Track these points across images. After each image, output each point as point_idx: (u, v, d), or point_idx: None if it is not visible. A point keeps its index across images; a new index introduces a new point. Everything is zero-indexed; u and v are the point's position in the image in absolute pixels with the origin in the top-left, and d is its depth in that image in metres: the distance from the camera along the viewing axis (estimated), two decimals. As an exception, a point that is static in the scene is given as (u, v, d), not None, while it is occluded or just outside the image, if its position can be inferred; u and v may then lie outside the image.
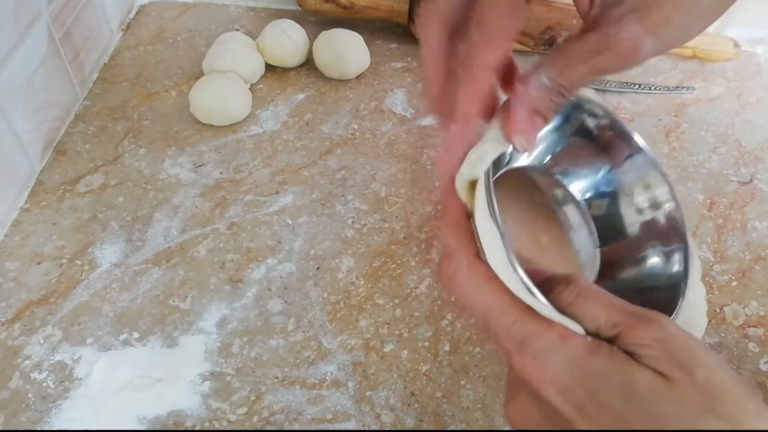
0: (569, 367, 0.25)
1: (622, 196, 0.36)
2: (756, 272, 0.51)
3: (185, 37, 0.70)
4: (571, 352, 0.26)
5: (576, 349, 0.26)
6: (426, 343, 0.45)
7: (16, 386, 0.42)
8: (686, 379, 0.24)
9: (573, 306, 0.27)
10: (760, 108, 0.65)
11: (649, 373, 0.24)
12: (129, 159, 0.56)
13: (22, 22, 0.51)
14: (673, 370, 0.24)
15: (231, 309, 0.46)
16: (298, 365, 0.44)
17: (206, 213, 0.52)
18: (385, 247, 0.51)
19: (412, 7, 0.67)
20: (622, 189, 0.35)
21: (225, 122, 0.59)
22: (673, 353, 0.25)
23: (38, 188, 0.53)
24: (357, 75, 0.65)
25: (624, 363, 0.25)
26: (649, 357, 0.25)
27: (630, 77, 0.67)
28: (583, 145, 0.35)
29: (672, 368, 0.24)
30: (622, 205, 0.36)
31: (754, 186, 0.57)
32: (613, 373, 0.25)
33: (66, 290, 0.47)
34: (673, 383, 0.24)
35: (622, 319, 0.26)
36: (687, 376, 0.24)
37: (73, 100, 0.60)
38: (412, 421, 0.41)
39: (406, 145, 0.59)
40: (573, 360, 0.25)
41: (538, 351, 0.26)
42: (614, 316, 0.26)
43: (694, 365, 0.24)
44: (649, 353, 0.25)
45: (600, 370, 0.25)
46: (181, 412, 0.41)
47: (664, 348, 0.25)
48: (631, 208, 0.36)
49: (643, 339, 0.25)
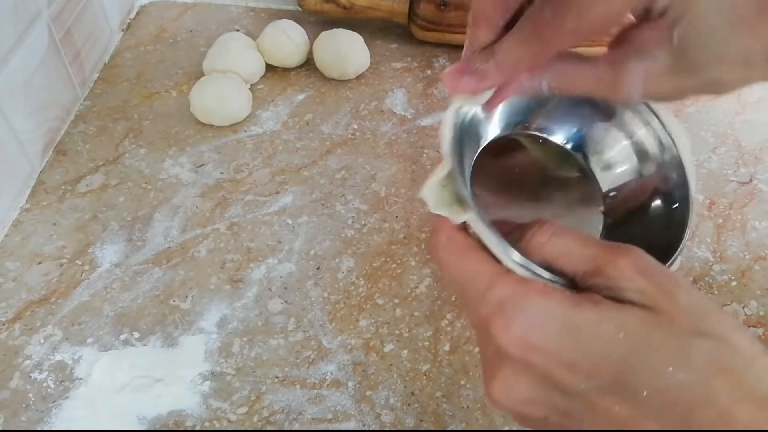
0: (553, 324, 0.24)
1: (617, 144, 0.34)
2: (756, 272, 0.51)
3: (185, 37, 0.70)
4: (554, 307, 0.25)
5: (559, 304, 0.25)
6: (426, 343, 0.45)
7: (17, 386, 0.42)
8: (672, 307, 0.24)
9: (547, 245, 0.26)
10: (760, 108, 0.65)
11: (636, 311, 0.24)
12: (129, 159, 0.56)
13: (22, 22, 0.51)
14: (658, 300, 0.24)
15: (231, 309, 0.46)
16: (298, 365, 0.44)
17: (206, 213, 0.52)
18: (385, 247, 0.51)
19: (412, 7, 0.67)
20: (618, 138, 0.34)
21: (225, 122, 0.59)
22: (656, 282, 0.25)
23: (39, 188, 0.53)
24: (357, 75, 0.65)
25: (609, 308, 0.24)
26: (633, 290, 0.25)
27: (630, 77, 0.67)
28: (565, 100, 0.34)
29: (657, 299, 0.24)
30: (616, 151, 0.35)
31: (753, 186, 0.57)
32: (600, 321, 0.24)
33: (66, 290, 0.47)
34: (661, 314, 0.24)
35: (599, 252, 0.26)
36: (672, 304, 0.24)
37: (73, 100, 0.60)
38: (412, 421, 0.41)
39: (406, 145, 0.59)
40: (557, 316, 0.24)
41: (518, 311, 0.25)
42: (589, 249, 0.26)
43: (676, 291, 0.25)
44: (633, 286, 0.25)
45: (587, 321, 0.24)
46: (181, 411, 0.41)
47: (647, 279, 0.25)
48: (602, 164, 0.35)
49: (624, 271, 0.25)
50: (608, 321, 0.24)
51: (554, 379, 0.24)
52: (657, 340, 0.24)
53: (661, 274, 0.25)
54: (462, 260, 0.27)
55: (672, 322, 0.24)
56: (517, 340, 0.25)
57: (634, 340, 0.24)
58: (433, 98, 0.64)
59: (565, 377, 0.24)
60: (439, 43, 0.69)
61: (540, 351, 0.24)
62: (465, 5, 0.66)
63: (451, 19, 0.66)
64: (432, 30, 0.67)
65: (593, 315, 0.24)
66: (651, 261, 0.26)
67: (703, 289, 0.49)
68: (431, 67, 0.68)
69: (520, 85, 0.29)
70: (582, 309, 0.24)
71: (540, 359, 0.24)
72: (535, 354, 0.24)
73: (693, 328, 0.24)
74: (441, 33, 0.68)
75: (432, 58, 0.69)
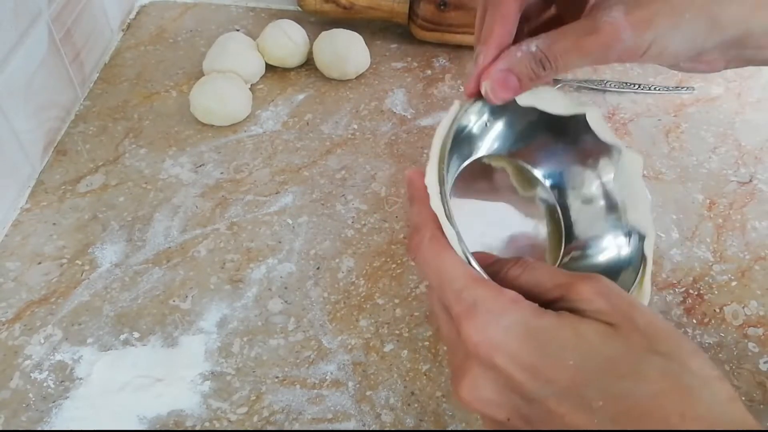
0: (518, 328, 0.26)
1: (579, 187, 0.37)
2: (756, 272, 0.51)
3: (185, 37, 0.70)
4: (520, 314, 0.26)
5: (525, 310, 0.26)
6: (426, 343, 0.45)
7: (17, 386, 0.42)
8: (629, 324, 0.25)
9: (521, 278, 0.28)
10: (760, 108, 0.65)
11: (595, 323, 0.26)
12: (129, 159, 0.56)
13: (22, 22, 0.51)
14: (616, 317, 0.26)
15: (231, 309, 0.46)
16: (298, 365, 0.44)
17: (206, 213, 0.52)
18: (385, 247, 0.51)
19: (412, 7, 0.67)
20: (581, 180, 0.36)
21: (225, 122, 0.59)
22: (614, 304, 0.26)
23: (39, 188, 0.53)
24: (357, 75, 0.65)
25: (570, 318, 0.26)
26: (592, 311, 0.26)
27: (630, 77, 0.67)
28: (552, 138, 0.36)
29: (615, 316, 0.26)
30: (577, 196, 0.37)
31: (753, 186, 0.57)
32: (560, 327, 0.26)
33: (66, 290, 0.47)
34: (618, 328, 0.25)
35: (564, 279, 0.27)
36: (629, 322, 0.26)
37: (73, 100, 0.60)
38: (412, 420, 0.41)
39: (406, 145, 0.59)
40: (522, 321, 0.26)
41: (489, 314, 0.26)
42: (557, 278, 0.28)
43: (634, 313, 0.26)
44: (592, 307, 0.26)
45: (548, 326, 0.26)
46: (181, 411, 0.41)
47: (606, 300, 0.26)
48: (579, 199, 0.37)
49: (585, 293, 0.26)
50: (567, 328, 0.26)
51: (515, 382, 0.26)
52: (612, 351, 0.25)
53: (619, 297, 0.27)
54: (443, 260, 0.28)
55: (628, 338, 0.25)
56: (485, 340, 0.26)
57: (591, 348, 0.25)
58: (433, 98, 0.64)
59: (525, 381, 0.25)
60: (439, 43, 0.69)
61: (504, 352, 0.26)
62: (465, 5, 0.66)
63: (451, 19, 0.66)
64: (432, 30, 0.67)
65: (554, 321, 0.26)
66: (612, 286, 0.27)
67: (703, 289, 0.49)
68: (431, 67, 0.68)
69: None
70: (545, 316, 0.26)
71: (503, 360, 0.26)
72: (500, 355, 0.26)
73: (648, 347, 0.25)
74: (441, 33, 0.68)
75: (432, 58, 0.69)
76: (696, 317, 0.47)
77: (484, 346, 0.26)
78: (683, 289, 0.49)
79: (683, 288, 0.49)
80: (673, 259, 0.51)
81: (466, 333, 0.26)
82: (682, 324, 0.47)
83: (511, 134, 0.36)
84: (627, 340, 0.25)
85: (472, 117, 0.33)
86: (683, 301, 0.48)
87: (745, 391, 0.44)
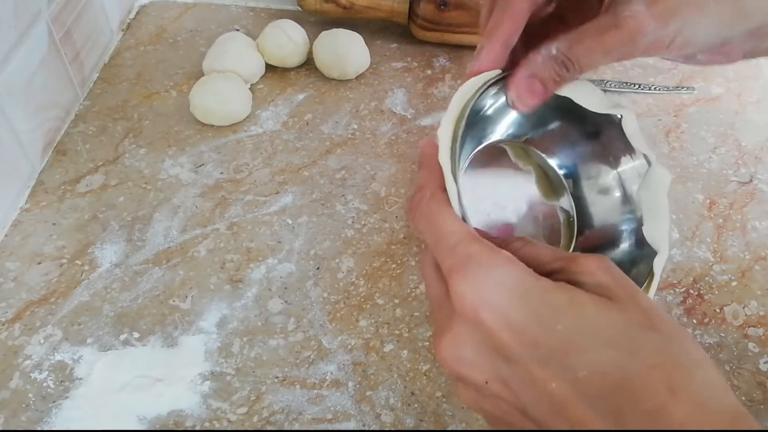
0: (509, 286, 0.25)
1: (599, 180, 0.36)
2: (756, 272, 0.51)
3: (185, 37, 0.70)
4: (515, 272, 0.25)
5: (520, 270, 0.25)
6: (426, 343, 0.45)
7: (17, 386, 0.42)
8: (630, 301, 0.25)
9: (521, 251, 0.27)
10: (760, 108, 0.65)
11: (592, 295, 0.25)
12: (129, 159, 0.56)
13: (22, 22, 0.51)
14: (618, 293, 0.25)
15: (231, 309, 0.46)
16: (298, 365, 0.44)
17: (206, 213, 0.52)
18: (385, 247, 0.51)
19: (412, 7, 0.67)
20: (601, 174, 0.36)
21: (225, 122, 0.59)
22: (617, 279, 0.25)
23: (38, 188, 0.53)
24: (357, 75, 0.65)
25: (567, 285, 0.25)
26: (594, 284, 0.25)
27: (630, 77, 0.67)
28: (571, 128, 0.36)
29: (617, 291, 0.25)
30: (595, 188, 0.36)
31: (753, 186, 0.57)
32: (555, 290, 0.25)
33: (66, 290, 0.47)
34: (618, 303, 0.24)
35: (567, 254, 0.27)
36: (631, 299, 0.25)
37: (73, 100, 0.60)
38: (412, 421, 0.41)
39: (406, 145, 0.59)
40: (515, 279, 0.25)
41: (481, 269, 0.25)
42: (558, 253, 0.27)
43: (637, 294, 0.25)
44: (594, 280, 0.25)
45: (542, 289, 0.25)
46: (181, 412, 0.41)
47: (609, 275, 0.25)
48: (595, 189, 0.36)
49: (588, 266, 0.26)
50: (563, 293, 0.25)
51: (499, 342, 0.25)
52: (607, 322, 0.24)
53: (623, 277, 0.26)
54: (441, 215, 0.28)
55: (627, 313, 0.24)
56: (473, 294, 0.25)
57: (584, 316, 0.24)
58: (433, 98, 0.64)
59: (509, 341, 0.24)
60: (439, 43, 0.69)
61: (491, 309, 0.25)
62: (465, 5, 0.66)
63: (451, 19, 0.66)
64: (432, 30, 0.67)
65: (549, 285, 0.25)
66: (617, 267, 0.26)
67: (703, 289, 0.49)
68: (431, 67, 0.68)
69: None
70: (540, 279, 0.25)
71: (489, 317, 0.24)
72: (487, 311, 0.25)
73: (647, 324, 0.24)
74: (441, 33, 0.68)
75: (432, 58, 0.68)
76: (696, 317, 0.47)
77: (471, 300, 0.25)
78: (683, 289, 0.49)
79: (683, 288, 0.49)
80: (673, 259, 0.51)
81: (455, 287, 0.25)
82: (683, 324, 0.47)
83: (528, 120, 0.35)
84: (625, 314, 0.24)
85: (488, 100, 0.33)
86: (683, 301, 0.48)
87: (746, 391, 0.44)
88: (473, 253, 0.26)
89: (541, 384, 0.24)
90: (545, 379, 0.24)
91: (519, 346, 0.24)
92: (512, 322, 0.24)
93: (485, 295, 0.25)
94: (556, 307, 0.24)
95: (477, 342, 0.25)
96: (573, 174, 0.37)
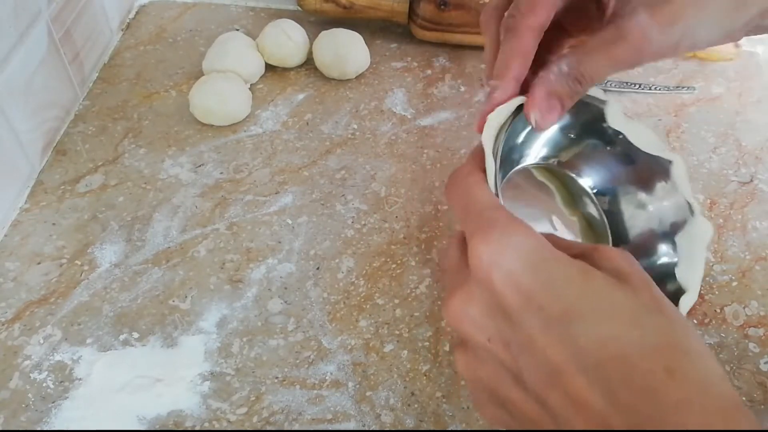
0: (525, 253, 0.25)
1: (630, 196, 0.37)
2: (756, 272, 0.50)
3: (185, 37, 0.70)
4: (534, 242, 0.26)
5: (539, 241, 0.26)
6: (426, 343, 0.45)
7: (16, 386, 0.42)
8: (644, 286, 0.25)
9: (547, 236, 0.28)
10: (761, 108, 0.65)
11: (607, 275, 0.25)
12: (129, 159, 0.56)
13: (22, 22, 0.51)
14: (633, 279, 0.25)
15: (231, 309, 0.46)
16: (298, 365, 0.44)
17: (206, 213, 0.52)
18: (385, 247, 0.51)
19: (412, 7, 0.67)
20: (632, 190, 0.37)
21: (225, 122, 0.59)
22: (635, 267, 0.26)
23: (38, 188, 0.53)
24: (357, 75, 0.65)
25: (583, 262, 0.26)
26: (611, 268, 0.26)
27: (630, 77, 0.67)
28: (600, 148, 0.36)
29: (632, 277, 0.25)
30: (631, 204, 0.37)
31: (754, 186, 0.57)
32: (570, 265, 0.25)
33: (66, 290, 0.47)
34: (629, 281, 0.25)
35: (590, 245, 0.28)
36: (645, 285, 0.25)
37: (73, 100, 0.60)
38: (412, 421, 0.41)
39: (406, 145, 0.59)
40: (532, 248, 0.26)
41: (502, 234, 0.26)
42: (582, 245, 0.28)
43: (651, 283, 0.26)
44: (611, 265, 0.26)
45: (557, 260, 0.26)
46: (181, 412, 0.41)
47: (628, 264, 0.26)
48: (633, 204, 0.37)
49: (608, 253, 0.26)
50: (577, 268, 0.25)
51: (507, 303, 0.25)
52: (616, 298, 0.25)
53: (641, 270, 0.26)
54: (474, 188, 0.29)
55: (638, 293, 0.25)
56: (490, 255, 0.26)
57: (594, 290, 0.25)
58: (433, 98, 0.64)
59: (516, 303, 0.25)
60: (439, 43, 0.69)
61: (504, 270, 0.25)
62: (465, 5, 0.66)
63: (451, 19, 0.66)
64: (432, 30, 0.67)
65: (565, 259, 0.26)
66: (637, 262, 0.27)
67: (703, 289, 0.49)
68: (431, 66, 0.67)
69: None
70: (556, 252, 0.26)
71: (500, 278, 0.25)
72: (499, 272, 0.25)
73: (654, 306, 0.25)
74: (441, 33, 0.68)
75: (432, 57, 0.68)
76: (696, 317, 0.47)
77: (486, 261, 0.26)
78: (684, 289, 0.49)
79: (684, 288, 0.49)
80: (673, 259, 0.51)
81: (474, 248, 0.26)
82: (683, 324, 0.47)
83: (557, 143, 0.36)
84: (636, 294, 0.25)
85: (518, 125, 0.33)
86: (684, 302, 0.48)
87: (746, 391, 0.43)
88: (498, 219, 0.27)
89: (540, 348, 0.24)
90: (545, 344, 0.24)
91: (525, 309, 0.25)
92: (521, 285, 0.25)
93: (500, 257, 0.26)
94: (567, 278, 0.25)
95: (485, 301, 0.26)
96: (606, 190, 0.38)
